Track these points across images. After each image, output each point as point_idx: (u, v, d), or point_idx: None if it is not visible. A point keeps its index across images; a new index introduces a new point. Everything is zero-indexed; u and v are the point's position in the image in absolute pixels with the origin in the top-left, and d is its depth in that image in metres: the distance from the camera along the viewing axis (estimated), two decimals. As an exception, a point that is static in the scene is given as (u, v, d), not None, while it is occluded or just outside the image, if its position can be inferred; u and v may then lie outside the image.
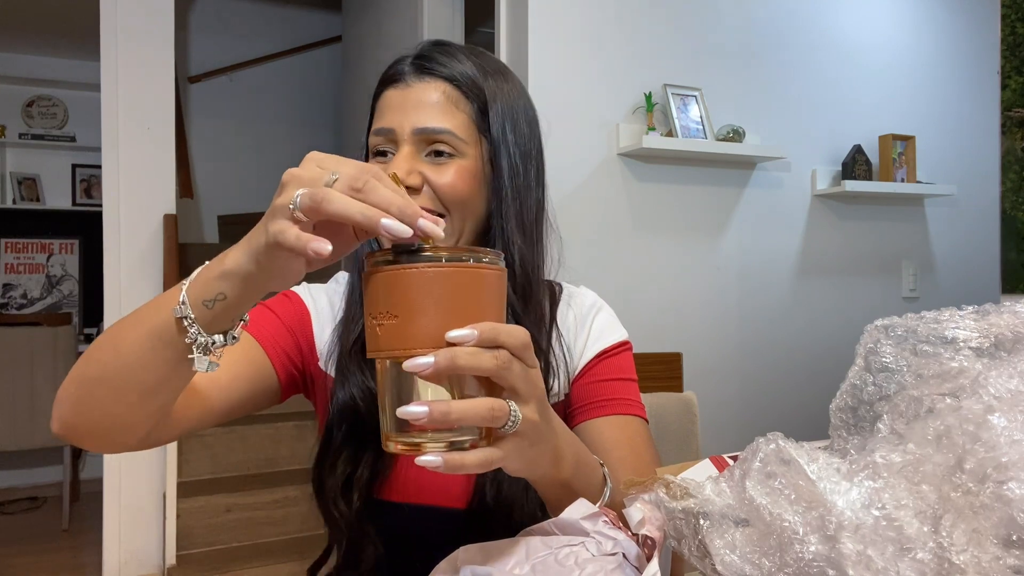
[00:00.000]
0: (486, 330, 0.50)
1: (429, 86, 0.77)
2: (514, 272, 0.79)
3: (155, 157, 2.77)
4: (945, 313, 0.58)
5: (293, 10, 4.75)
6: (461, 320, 0.49)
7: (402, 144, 0.76)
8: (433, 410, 0.48)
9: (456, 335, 0.49)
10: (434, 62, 0.78)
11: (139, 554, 2.70)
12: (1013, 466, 0.42)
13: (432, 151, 0.76)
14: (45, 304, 4.43)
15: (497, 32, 2.31)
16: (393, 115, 0.77)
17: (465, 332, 0.49)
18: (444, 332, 0.48)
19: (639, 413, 0.85)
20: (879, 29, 2.71)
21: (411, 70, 0.78)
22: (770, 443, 0.51)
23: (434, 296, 0.49)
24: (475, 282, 0.50)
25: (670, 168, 2.35)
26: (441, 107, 0.76)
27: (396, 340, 0.49)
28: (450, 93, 0.77)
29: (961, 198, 2.86)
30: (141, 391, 0.61)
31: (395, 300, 0.49)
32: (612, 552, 0.57)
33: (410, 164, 0.75)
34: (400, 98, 0.77)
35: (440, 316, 0.49)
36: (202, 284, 0.56)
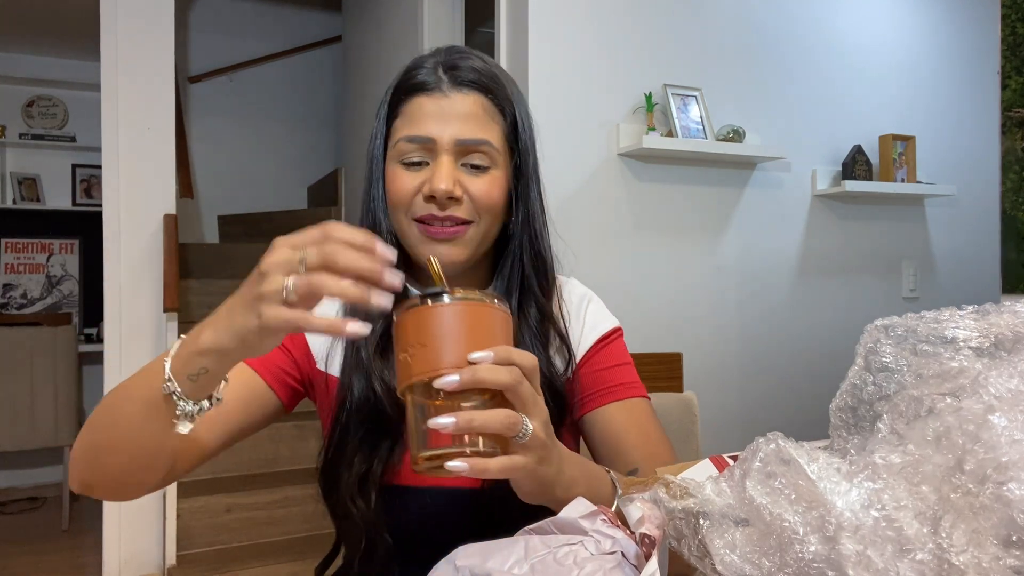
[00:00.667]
0: (501, 351, 0.57)
1: (467, 98, 0.78)
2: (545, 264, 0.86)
3: (155, 157, 2.77)
4: (945, 313, 0.58)
5: (293, 10, 4.75)
6: (478, 346, 0.57)
7: (441, 154, 0.77)
8: (459, 419, 0.55)
9: (477, 356, 0.56)
10: (469, 72, 0.79)
11: (139, 554, 2.70)
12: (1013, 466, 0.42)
13: (469, 162, 0.79)
14: (45, 304, 4.43)
15: (497, 32, 2.31)
16: (431, 124, 0.77)
17: (484, 353, 0.56)
18: (466, 355, 0.56)
19: (641, 393, 0.91)
20: (879, 29, 2.71)
21: (447, 79, 0.79)
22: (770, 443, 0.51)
23: (456, 327, 0.57)
24: (489, 316, 0.59)
25: (670, 168, 2.35)
26: (480, 119, 0.78)
27: (425, 364, 0.57)
28: (486, 105, 0.79)
29: (961, 198, 2.86)
30: (143, 454, 0.68)
31: (423, 332, 0.57)
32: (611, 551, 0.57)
33: (452, 175, 0.77)
34: (436, 107, 0.78)
35: (461, 343, 0.57)
36: (184, 360, 0.61)
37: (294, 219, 4.24)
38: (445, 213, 0.77)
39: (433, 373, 0.56)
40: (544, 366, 0.81)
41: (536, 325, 0.85)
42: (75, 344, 3.60)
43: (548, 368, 0.84)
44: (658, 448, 0.86)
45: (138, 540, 2.71)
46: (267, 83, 4.69)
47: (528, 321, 0.84)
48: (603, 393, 0.88)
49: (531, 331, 0.84)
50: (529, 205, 0.84)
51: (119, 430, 0.67)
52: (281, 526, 2.83)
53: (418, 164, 0.79)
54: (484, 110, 0.79)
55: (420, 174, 0.78)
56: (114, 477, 0.71)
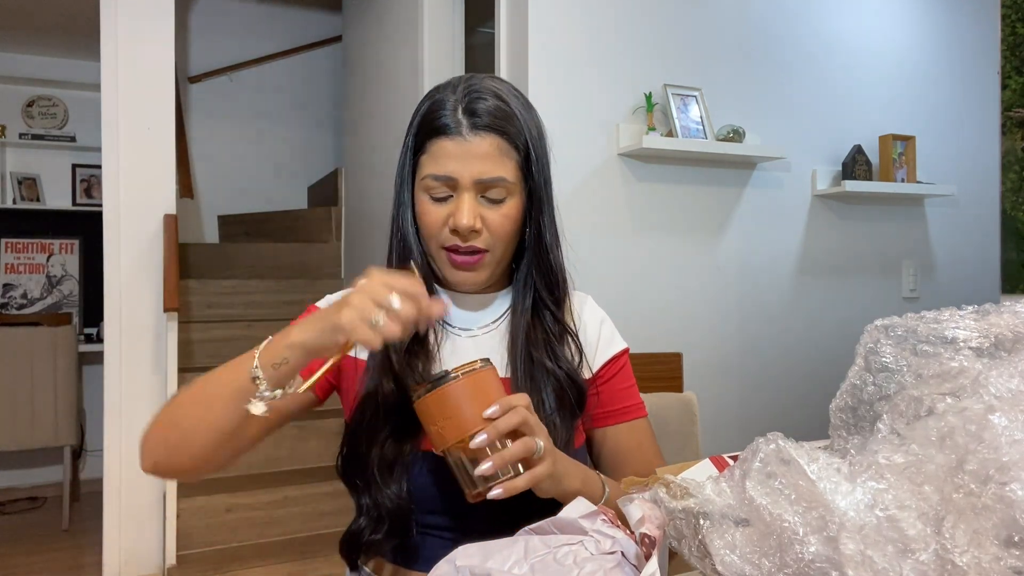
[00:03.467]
0: (504, 403, 0.76)
1: (484, 140, 0.89)
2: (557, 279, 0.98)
3: (155, 157, 2.77)
4: (945, 313, 0.58)
5: (293, 10, 4.74)
6: (486, 404, 0.75)
7: (463, 191, 0.89)
8: (495, 460, 0.74)
9: (489, 413, 0.75)
10: (486, 116, 0.89)
11: (139, 554, 2.70)
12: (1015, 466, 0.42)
13: (488, 196, 0.90)
14: (45, 304, 4.43)
15: (497, 32, 2.31)
16: (453, 165, 0.89)
17: (493, 408, 0.75)
18: (480, 415, 0.75)
19: (644, 413, 1.05)
20: (879, 29, 2.71)
21: (466, 124, 0.89)
22: (770, 443, 0.51)
23: (467, 396, 0.76)
24: (484, 378, 0.77)
25: (670, 168, 2.35)
26: (495, 159, 0.89)
27: (456, 432, 0.75)
28: (502, 145, 0.90)
29: (961, 198, 2.86)
30: (224, 437, 0.82)
31: (445, 408, 0.76)
32: (611, 551, 0.57)
33: (474, 211, 0.89)
34: (457, 149, 0.88)
35: (475, 407, 0.75)
36: (271, 351, 0.77)
37: (294, 219, 4.24)
38: (467, 244, 0.91)
39: (464, 436, 0.75)
40: (564, 364, 0.96)
41: (551, 327, 0.97)
42: (75, 344, 3.60)
43: (567, 365, 0.96)
44: (652, 463, 0.99)
45: (138, 540, 2.71)
46: (267, 83, 4.69)
47: (544, 324, 0.97)
48: (614, 413, 1.02)
49: (545, 333, 0.96)
50: (541, 223, 0.96)
51: (211, 412, 0.80)
52: (281, 526, 2.83)
53: (444, 199, 0.90)
54: (499, 150, 0.89)
55: (446, 207, 0.91)
56: (193, 457, 0.83)
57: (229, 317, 3.46)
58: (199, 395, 0.83)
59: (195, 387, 0.83)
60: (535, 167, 0.93)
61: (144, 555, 2.71)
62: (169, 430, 0.84)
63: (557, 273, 0.98)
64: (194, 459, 0.83)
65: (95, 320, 4.31)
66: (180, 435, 0.83)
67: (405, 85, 3.11)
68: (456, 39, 2.97)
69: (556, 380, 0.94)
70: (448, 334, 0.99)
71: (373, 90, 3.58)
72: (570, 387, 0.95)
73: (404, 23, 3.12)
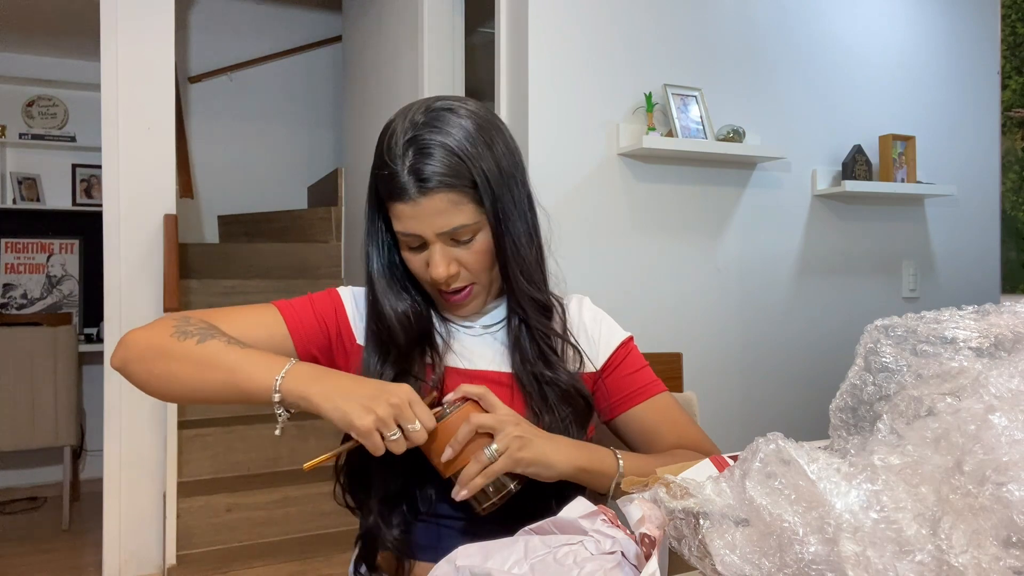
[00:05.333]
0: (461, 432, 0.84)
1: (434, 199, 0.90)
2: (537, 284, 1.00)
3: (155, 157, 2.77)
4: (945, 313, 0.58)
5: (293, 10, 4.74)
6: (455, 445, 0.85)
7: (432, 244, 0.93)
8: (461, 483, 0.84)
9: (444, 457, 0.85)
10: (433, 179, 0.90)
11: (139, 554, 2.70)
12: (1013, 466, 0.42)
13: (456, 240, 0.93)
14: (45, 304, 4.43)
15: (497, 32, 2.31)
16: (414, 224, 0.92)
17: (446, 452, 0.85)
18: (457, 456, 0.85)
19: (662, 388, 1.06)
20: (879, 29, 2.71)
21: (414, 189, 0.91)
22: (770, 443, 0.51)
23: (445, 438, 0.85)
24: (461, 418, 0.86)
25: (670, 168, 2.35)
26: (450, 212, 0.91)
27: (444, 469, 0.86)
28: (452, 197, 0.91)
29: (961, 198, 2.86)
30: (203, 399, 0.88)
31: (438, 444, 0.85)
32: (611, 551, 0.57)
33: (447, 259, 0.93)
34: (413, 211, 0.91)
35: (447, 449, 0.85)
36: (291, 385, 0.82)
37: (294, 219, 4.24)
38: (451, 288, 0.96)
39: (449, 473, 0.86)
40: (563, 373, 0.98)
41: (542, 339, 0.99)
42: (75, 344, 3.60)
43: (566, 374, 0.99)
44: (687, 431, 1.03)
45: (138, 540, 2.71)
46: (267, 83, 4.69)
47: (534, 335, 0.99)
48: (631, 396, 1.04)
49: (538, 346, 0.99)
50: (514, 237, 0.96)
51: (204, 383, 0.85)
52: (281, 526, 2.82)
53: (419, 247, 0.95)
54: (451, 202, 0.91)
55: (424, 254, 0.95)
56: (167, 393, 0.89)
57: (229, 317, 3.45)
58: (209, 366, 0.85)
59: (207, 354, 0.86)
60: (493, 191, 0.94)
61: (144, 555, 2.71)
62: (159, 364, 0.87)
63: (538, 282, 1.00)
64: (164, 392, 0.89)
65: (95, 320, 4.31)
66: (167, 376, 0.87)
67: (405, 85, 3.11)
68: (456, 39, 2.97)
69: (559, 388, 0.97)
70: (455, 331, 1.03)
71: (373, 90, 3.58)
72: (575, 394, 0.98)
73: (404, 23, 3.12)
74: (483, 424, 0.83)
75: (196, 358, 0.85)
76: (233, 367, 0.84)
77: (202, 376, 0.85)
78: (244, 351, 0.86)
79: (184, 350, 0.86)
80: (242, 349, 0.86)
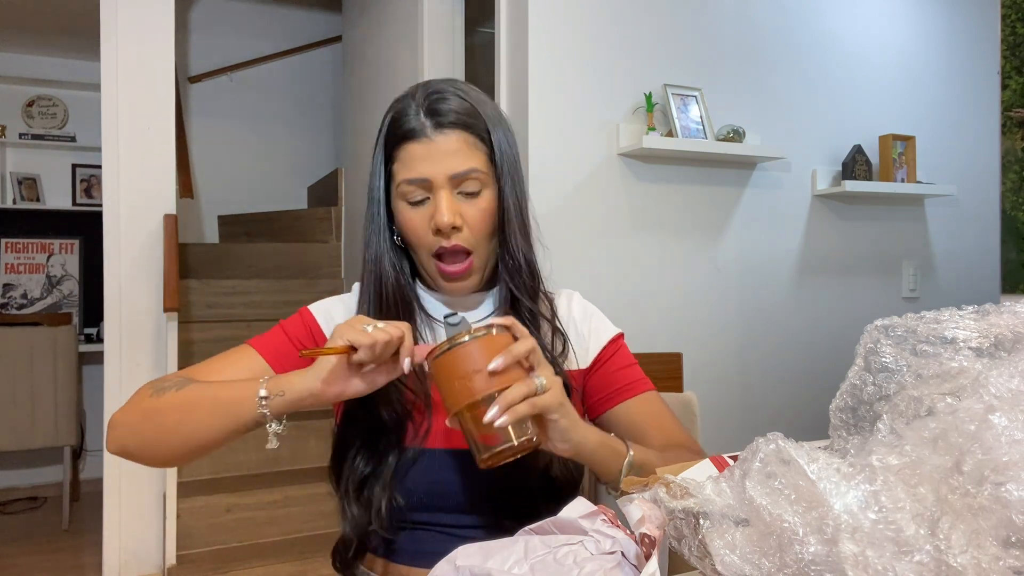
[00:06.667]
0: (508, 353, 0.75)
1: (451, 137, 0.90)
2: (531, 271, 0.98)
3: (155, 157, 2.77)
4: (945, 313, 0.58)
5: (293, 10, 4.74)
6: None
7: (439, 190, 0.90)
8: (500, 403, 0.72)
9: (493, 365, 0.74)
10: (447, 114, 0.91)
11: (139, 554, 2.70)
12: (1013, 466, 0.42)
13: (464, 190, 0.92)
14: (45, 304, 4.43)
15: (497, 32, 2.31)
16: (425, 166, 0.90)
17: (498, 360, 0.74)
18: (489, 379, 0.74)
19: (650, 387, 1.04)
20: (879, 29, 2.71)
21: (430, 125, 0.90)
22: (770, 443, 0.51)
23: (475, 360, 0.75)
24: (497, 342, 0.76)
25: (670, 168, 2.35)
26: (465, 152, 0.91)
27: (465, 395, 0.74)
28: (468, 139, 0.91)
29: (961, 198, 2.86)
30: (202, 445, 0.85)
31: (454, 371, 0.75)
32: (611, 551, 0.57)
33: (452, 208, 0.91)
34: (426, 151, 0.90)
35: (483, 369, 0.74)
36: (273, 383, 0.81)
37: (294, 219, 4.24)
38: (452, 243, 0.92)
39: (474, 398, 0.74)
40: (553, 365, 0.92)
41: (527, 317, 0.97)
42: (75, 344, 3.60)
43: (556, 366, 0.95)
44: (673, 430, 1.01)
45: (138, 540, 2.71)
46: (267, 83, 4.68)
47: (521, 315, 0.97)
48: (618, 392, 1.02)
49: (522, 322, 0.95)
50: (508, 223, 0.95)
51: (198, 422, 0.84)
52: (281, 526, 2.82)
53: (421, 202, 0.92)
54: (467, 144, 0.91)
55: (426, 210, 0.92)
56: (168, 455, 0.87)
57: (229, 317, 3.46)
58: (193, 405, 0.85)
59: (188, 396, 0.85)
60: (501, 162, 0.94)
61: (144, 555, 2.71)
62: (148, 425, 0.86)
63: (530, 270, 0.98)
64: (164, 451, 0.87)
65: (95, 320, 4.31)
66: (158, 434, 0.86)
67: (405, 85, 3.10)
68: (456, 39, 2.97)
69: None
70: (439, 329, 1.01)
71: (373, 90, 3.58)
72: None
73: (404, 23, 3.12)
74: (537, 354, 0.77)
75: (179, 404, 0.85)
76: (216, 396, 0.84)
77: (190, 418, 0.84)
78: (222, 383, 0.86)
79: (165, 402, 0.85)
80: (220, 382, 0.86)
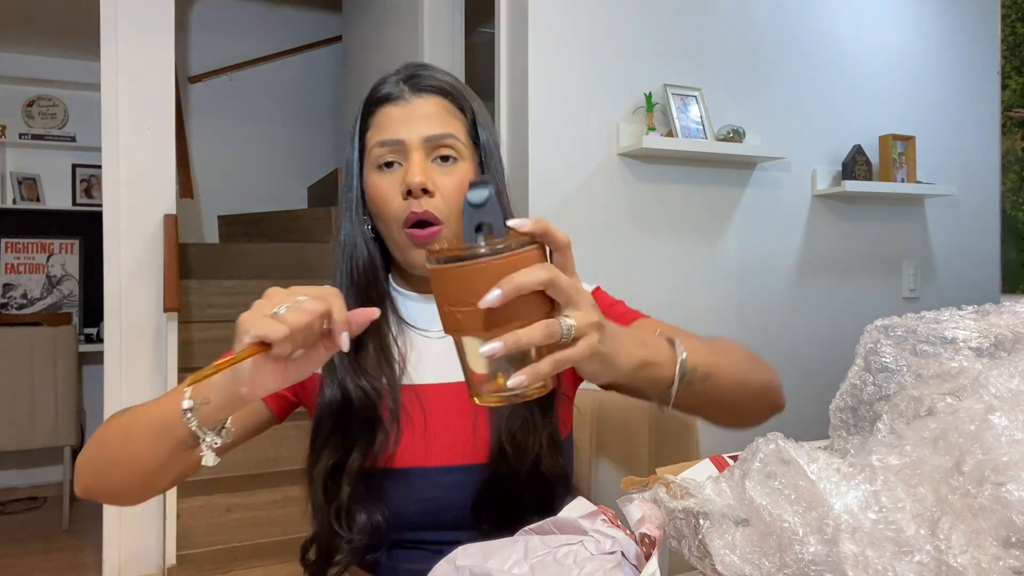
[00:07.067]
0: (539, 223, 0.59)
1: (428, 100, 0.88)
2: None
3: (155, 157, 2.77)
4: (945, 313, 0.58)
5: (293, 10, 4.74)
6: None
7: (412, 152, 0.86)
8: (506, 340, 0.55)
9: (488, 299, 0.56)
10: (426, 79, 0.89)
11: (139, 554, 2.70)
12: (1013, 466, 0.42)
13: (439, 156, 0.87)
14: (45, 304, 4.43)
15: (497, 32, 2.31)
16: (399, 127, 0.86)
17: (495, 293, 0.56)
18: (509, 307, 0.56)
19: (643, 315, 0.98)
20: (879, 29, 2.71)
21: (407, 88, 0.88)
22: (770, 443, 0.51)
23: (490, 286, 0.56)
24: (522, 262, 0.58)
25: (670, 168, 2.35)
26: (442, 117, 0.88)
27: (475, 324, 0.57)
28: (447, 106, 0.89)
29: (961, 198, 2.86)
30: (148, 471, 0.77)
31: (471, 291, 0.57)
32: (611, 551, 0.57)
33: (424, 169, 0.85)
34: (402, 113, 0.87)
35: None
36: (197, 389, 0.69)
37: (294, 219, 4.24)
38: (422, 209, 0.85)
39: (483, 335, 0.57)
40: None
41: None
42: (75, 344, 3.60)
43: None
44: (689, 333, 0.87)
45: (138, 540, 2.71)
46: (267, 83, 4.69)
47: None
48: None
49: None
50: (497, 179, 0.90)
51: (128, 449, 0.76)
52: (281, 526, 2.82)
53: (391, 165, 0.87)
54: (445, 110, 0.88)
55: (396, 175, 0.87)
56: (120, 488, 0.81)
57: (229, 317, 3.44)
58: (127, 430, 0.78)
59: (124, 421, 0.79)
60: (484, 137, 0.90)
61: (144, 555, 2.71)
62: (98, 460, 0.80)
63: None
64: (122, 489, 0.81)
65: (95, 320, 4.31)
66: (107, 468, 0.79)
67: (405, 85, 3.11)
68: (456, 39, 2.97)
69: None
70: (413, 337, 0.93)
71: (373, 90, 3.58)
72: None
73: (404, 23, 3.12)
74: (559, 285, 0.57)
75: (118, 433, 0.79)
76: (146, 415, 0.77)
77: (128, 445, 0.77)
78: (155, 400, 0.79)
79: (108, 432, 0.80)
80: (154, 400, 0.79)
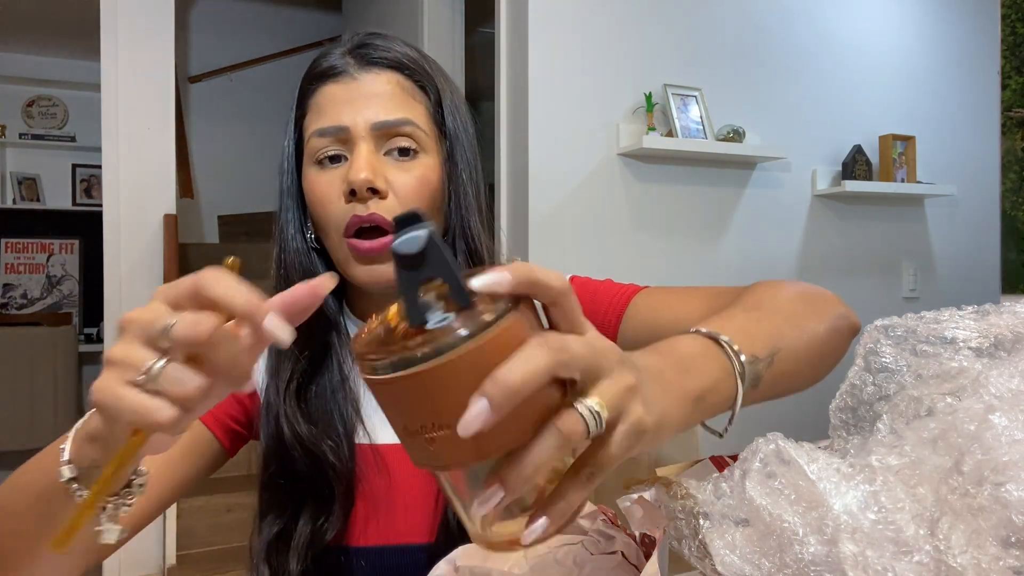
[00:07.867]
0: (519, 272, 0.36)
1: (380, 77, 0.69)
2: (481, 261, 0.75)
3: (155, 157, 2.77)
4: (945, 313, 0.58)
5: (293, 10, 4.74)
6: None
7: (358, 142, 0.68)
8: (507, 478, 0.35)
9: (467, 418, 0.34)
10: (378, 49, 0.70)
11: (139, 554, 2.70)
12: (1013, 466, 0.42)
13: (394, 148, 0.69)
14: (45, 304, 4.43)
15: (497, 32, 2.31)
16: (341, 111, 0.68)
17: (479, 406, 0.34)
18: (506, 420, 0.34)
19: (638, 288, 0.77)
20: (879, 29, 2.71)
21: (353, 61, 0.70)
22: (770, 443, 0.51)
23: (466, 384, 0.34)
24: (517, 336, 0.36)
25: (670, 168, 2.35)
26: (397, 98, 0.69)
27: (457, 453, 0.36)
28: (403, 83, 0.70)
29: (961, 198, 2.86)
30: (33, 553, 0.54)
31: (438, 409, 0.35)
32: (611, 551, 0.57)
33: (373, 164, 0.67)
34: (346, 92, 0.68)
35: None
36: (77, 449, 0.46)
37: (294, 219, 4.24)
38: (367, 212, 0.67)
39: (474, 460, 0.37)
40: None
41: None
42: (75, 344, 3.60)
43: None
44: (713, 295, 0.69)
45: (138, 540, 2.69)
46: (267, 83, 4.69)
47: None
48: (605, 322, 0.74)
49: None
50: (462, 198, 0.72)
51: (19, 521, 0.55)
52: (281, 526, 2.82)
53: (335, 159, 0.69)
54: (402, 88, 0.70)
55: (340, 171, 0.69)
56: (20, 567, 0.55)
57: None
58: (18, 479, 0.59)
59: (15, 475, 0.59)
60: (452, 120, 0.72)
61: (144, 555, 2.71)
62: None
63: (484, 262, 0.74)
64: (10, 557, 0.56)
65: (95, 320, 4.31)
66: None
67: (405, 85, 3.11)
68: (456, 39, 2.97)
69: None
70: None
71: (373, 90, 3.58)
72: None
73: (404, 23, 3.12)
74: (571, 362, 0.35)
75: (8, 487, 0.59)
76: (28, 466, 0.58)
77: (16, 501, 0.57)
78: (33, 458, 0.60)
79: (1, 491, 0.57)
80: (33, 458, 0.59)
